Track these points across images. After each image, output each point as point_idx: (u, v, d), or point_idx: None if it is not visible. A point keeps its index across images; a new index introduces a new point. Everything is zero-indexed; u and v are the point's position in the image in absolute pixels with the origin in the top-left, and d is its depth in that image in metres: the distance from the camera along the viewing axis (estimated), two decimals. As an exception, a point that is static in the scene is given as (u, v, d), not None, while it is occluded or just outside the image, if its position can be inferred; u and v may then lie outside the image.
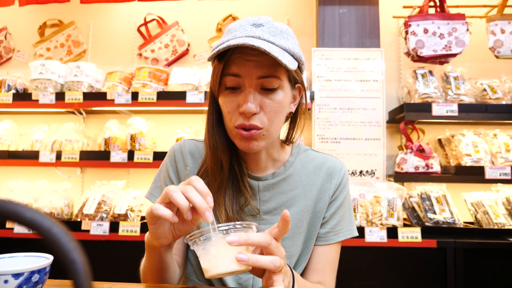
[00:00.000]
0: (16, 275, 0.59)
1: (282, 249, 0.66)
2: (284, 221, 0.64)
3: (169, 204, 0.66)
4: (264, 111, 0.80)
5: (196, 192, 0.65)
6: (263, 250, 0.65)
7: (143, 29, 2.66)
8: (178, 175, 0.95)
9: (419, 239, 1.87)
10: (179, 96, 2.17)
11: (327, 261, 0.93)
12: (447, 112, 2.08)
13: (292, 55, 0.81)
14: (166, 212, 0.65)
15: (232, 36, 0.78)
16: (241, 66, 0.78)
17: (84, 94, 2.22)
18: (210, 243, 0.64)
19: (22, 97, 2.28)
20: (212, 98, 0.87)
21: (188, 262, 0.96)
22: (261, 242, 0.62)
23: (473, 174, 2.07)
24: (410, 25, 2.19)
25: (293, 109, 0.89)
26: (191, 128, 2.33)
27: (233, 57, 0.79)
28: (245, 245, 0.61)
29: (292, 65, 0.77)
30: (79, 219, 2.07)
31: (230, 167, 0.88)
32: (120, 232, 1.97)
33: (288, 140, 0.94)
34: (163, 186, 0.95)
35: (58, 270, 0.59)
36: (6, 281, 0.59)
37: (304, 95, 0.91)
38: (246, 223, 0.65)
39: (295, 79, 0.86)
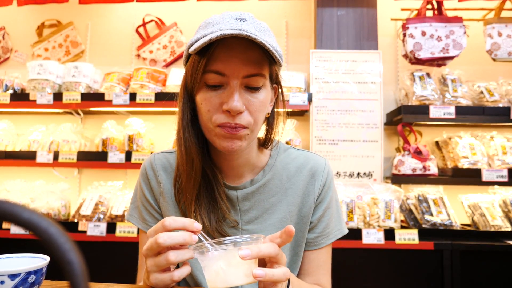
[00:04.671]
0: (12, 276, 0.59)
1: (284, 255, 0.65)
2: (288, 235, 0.63)
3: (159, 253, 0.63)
4: (249, 110, 0.76)
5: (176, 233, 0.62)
6: (270, 259, 0.63)
7: (141, 30, 2.65)
8: (153, 193, 0.91)
9: (416, 241, 1.87)
10: (177, 97, 2.16)
11: (319, 264, 0.90)
12: (444, 114, 2.09)
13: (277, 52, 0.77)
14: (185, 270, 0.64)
15: (216, 29, 0.72)
16: (226, 63, 0.73)
17: (82, 94, 2.21)
18: (219, 255, 0.62)
19: (20, 97, 2.27)
20: (187, 96, 0.81)
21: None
22: (271, 253, 0.61)
23: (470, 176, 2.07)
24: (408, 28, 2.20)
25: (269, 109, 0.85)
26: (189, 129, 2.32)
27: (217, 52, 0.73)
28: (256, 257, 0.60)
29: (280, 60, 0.76)
30: (76, 220, 2.06)
31: (203, 174, 0.83)
32: (117, 233, 1.96)
33: (266, 143, 0.89)
34: (141, 207, 0.91)
35: (54, 271, 0.59)
36: (2, 282, 0.59)
37: (281, 94, 0.87)
38: (255, 236, 0.64)
39: (276, 78, 0.83)
